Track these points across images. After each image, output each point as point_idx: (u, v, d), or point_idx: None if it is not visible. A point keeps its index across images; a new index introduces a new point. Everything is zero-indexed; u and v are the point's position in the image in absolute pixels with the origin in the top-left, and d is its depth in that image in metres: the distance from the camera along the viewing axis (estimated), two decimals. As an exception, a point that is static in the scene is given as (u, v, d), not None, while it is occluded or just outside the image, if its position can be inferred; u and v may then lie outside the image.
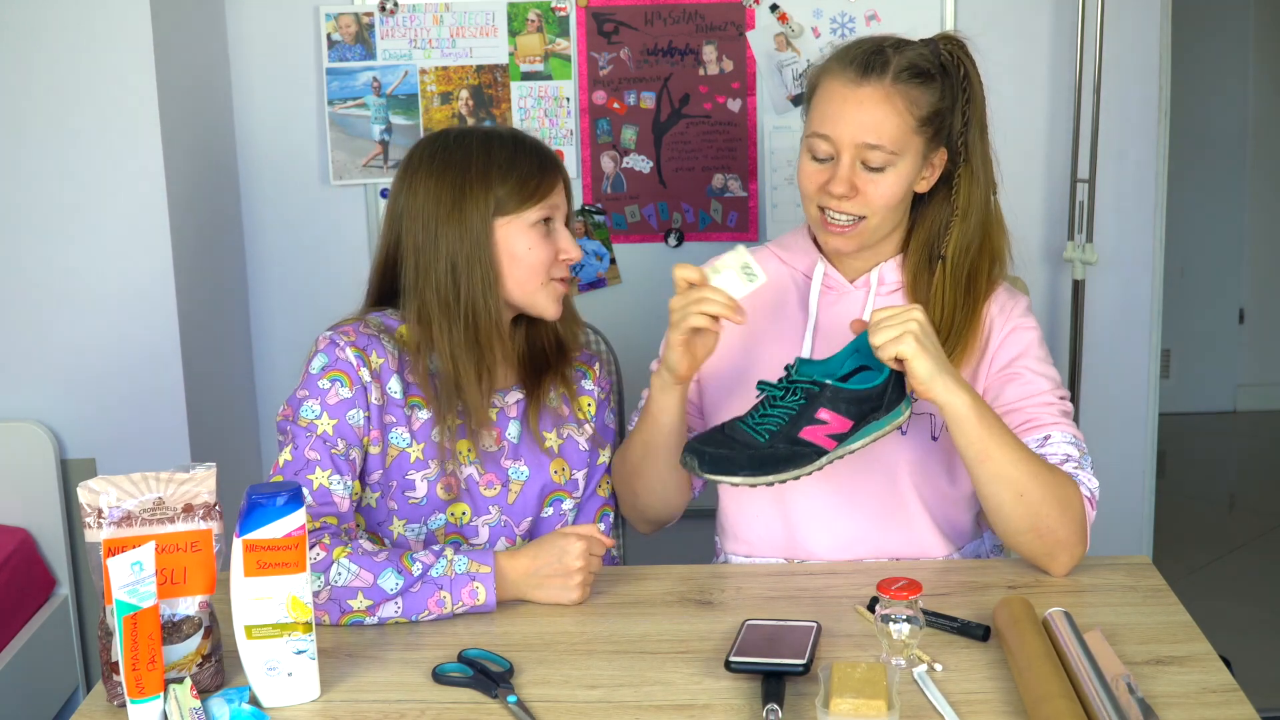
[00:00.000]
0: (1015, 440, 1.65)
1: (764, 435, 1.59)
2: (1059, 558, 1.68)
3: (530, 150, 1.79)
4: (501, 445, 1.82)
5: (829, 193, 1.73)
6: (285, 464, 1.71)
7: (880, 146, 1.71)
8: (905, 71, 1.72)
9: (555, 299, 1.80)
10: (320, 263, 2.90)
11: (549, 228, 1.79)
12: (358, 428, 1.74)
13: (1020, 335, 1.80)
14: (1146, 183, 2.93)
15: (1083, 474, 1.72)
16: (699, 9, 2.83)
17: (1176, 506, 4.23)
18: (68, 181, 2.52)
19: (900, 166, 1.73)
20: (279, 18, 2.86)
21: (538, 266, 1.77)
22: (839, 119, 1.72)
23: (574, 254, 1.79)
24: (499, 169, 1.75)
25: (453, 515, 1.80)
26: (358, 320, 1.80)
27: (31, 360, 2.58)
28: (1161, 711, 1.35)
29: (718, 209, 2.90)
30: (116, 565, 1.35)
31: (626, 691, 1.45)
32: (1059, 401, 1.78)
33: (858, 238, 1.77)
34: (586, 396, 1.91)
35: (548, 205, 1.77)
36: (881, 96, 1.71)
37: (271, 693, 1.43)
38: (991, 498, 1.66)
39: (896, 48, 1.75)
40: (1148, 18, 2.86)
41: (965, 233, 1.78)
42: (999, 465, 1.63)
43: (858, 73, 1.72)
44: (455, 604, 1.64)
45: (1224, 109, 4.99)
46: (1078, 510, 1.68)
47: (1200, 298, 5.09)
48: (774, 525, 1.85)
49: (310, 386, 1.73)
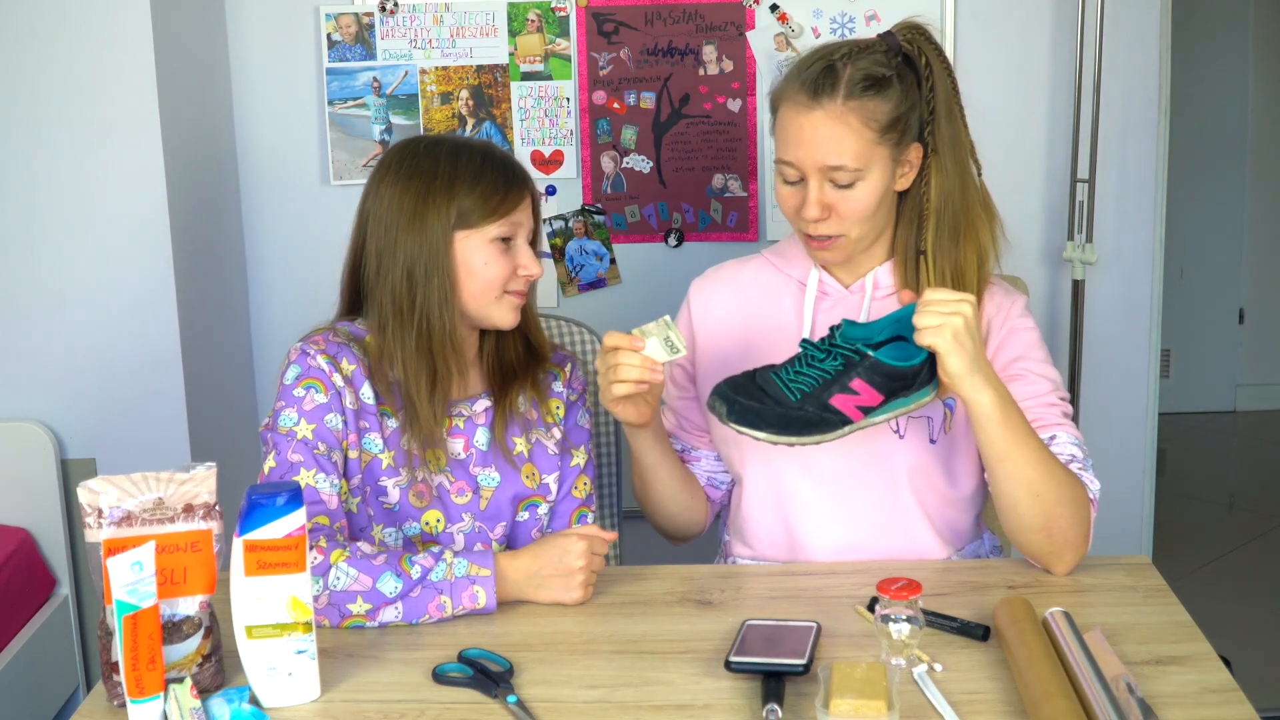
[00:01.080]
0: (1036, 440, 1.65)
1: (796, 394, 1.58)
2: (1065, 557, 1.69)
3: (498, 165, 1.77)
4: (470, 453, 1.82)
5: (804, 218, 1.74)
6: (270, 470, 1.72)
7: (843, 166, 1.70)
8: (858, 85, 1.70)
9: (511, 309, 1.78)
10: (320, 263, 2.88)
11: (510, 245, 1.77)
12: (337, 431, 1.74)
13: (1020, 336, 1.80)
14: (1146, 183, 2.93)
15: (1085, 475, 1.72)
16: (699, 9, 2.83)
17: (1176, 506, 4.23)
18: (68, 182, 2.52)
19: (869, 178, 1.72)
20: (279, 18, 2.86)
21: (494, 282, 1.75)
22: (798, 145, 1.72)
23: (534, 270, 1.77)
24: (464, 182, 1.74)
25: (426, 523, 1.80)
26: (327, 330, 1.81)
27: (31, 360, 2.57)
28: (1161, 711, 1.35)
29: (718, 209, 2.90)
30: (116, 565, 1.35)
31: (626, 691, 1.45)
32: (1060, 403, 1.78)
33: (842, 250, 1.77)
34: (555, 399, 1.89)
35: (509, 223, 1.75)
36: (835, 117, 1.69)
37: (271, 693, 1.43)
38: (1008, 496, 1.66)
39: (848, 57, 1.72)
40: (1148, 18, 2.86)
41: (941, 225, 1.76)
42: (1018, 465, 1.63)
43: (809, 96, 1.70)
44: (455, 608, 1.64)
45: (1224, 109, 4.99)
46: (1086, 511, 1.69)
47: (1200, 298, 5.09)
48: (774, 527, 1.85)
49: (286, 397, 1.75)
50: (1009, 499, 1.66)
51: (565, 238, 2.92)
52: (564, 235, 2.92)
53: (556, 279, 2.94)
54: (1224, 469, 4.88)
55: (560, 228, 2.92)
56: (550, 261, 2.92)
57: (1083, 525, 1.68)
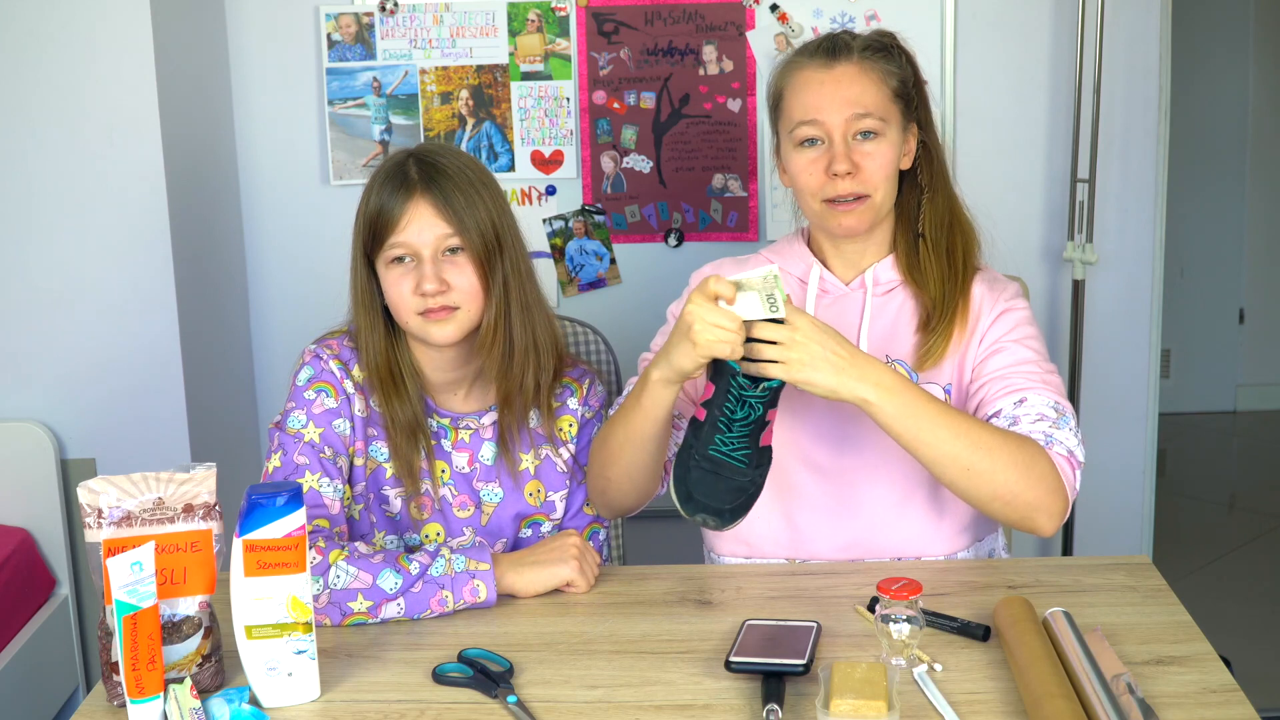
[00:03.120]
0: (950, 417, 1.62)
1: (742, 461, 1.59)
2: (1037, 520, 1.65)
3: (386, 183, 1.72)
4: (475, 467, 1.82)
5: (833, 173, 1.74)
6: (274, 470, 1.73)
7: (870, 113, 1.74)
8: (868, 49, 1.77)
9: (431, 328, 1.72)
10: (320, 263, 2.90)
11: (412, 264, 1.71)
12: (344, 436, 1.75)
13: (1010, 315, 1.80)
14: (1146, 183, 2.93)
15: (1059, 433, 1.68)
16: (699, 9, 2.83)
17: (1176, 506, 4.23)
18: (68, 181, 2.52)
19: (889, 135, 1.76)
20: (279, 18, 2.86)
21: (400, 306, 1.72)
22: (822, 101, 1.75)
23: (425, 287, 1.69)
24: (367, 206, 1.74)
25: (426, 536, 1.80)
26: (342, 334, 1.82)
27: (31, 360, 2.58)
28: (1161, 711, 1.35)
29: (718, 209, 2.90)
30: (116, 565, 1.35)
31: (626, 691, 1.45)
32: (1043, 370, 1.75)
33: (868, 213, 1.77)
34: (568, 416, 1.86)
35: (392, 244, 1.70)
36: (856, 71, 1.75)
37: (271, 693, 1.43)
38: (942, 477, 1.64)
39: (851, 35, 1.80)
40: (1148, 18, 2.86)
41: (938, 206, 1.81)
42: (934, 447, 1.61)
43: (826, 57, 1.77)
44: (457, 602, 1.64)
45: (1224, 109, 4.99)
46: (1043, 470, 1.64)
47: (1200, 298, 5.09)
48: (777, 525, 1.85)
49: (297, 398, 1.76)
50: (946, 479, 1.64)
51: (565, 238, 2.92)
52: (564, 235, 2.92)
53: (556, 279, 2.94)
54: (1224, 469, 4.88)
55: (560, 228, 2.92)
56: (550, 261, 2.93)
57: (1042, 485, 1.63)
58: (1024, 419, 1.69)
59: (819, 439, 1.81)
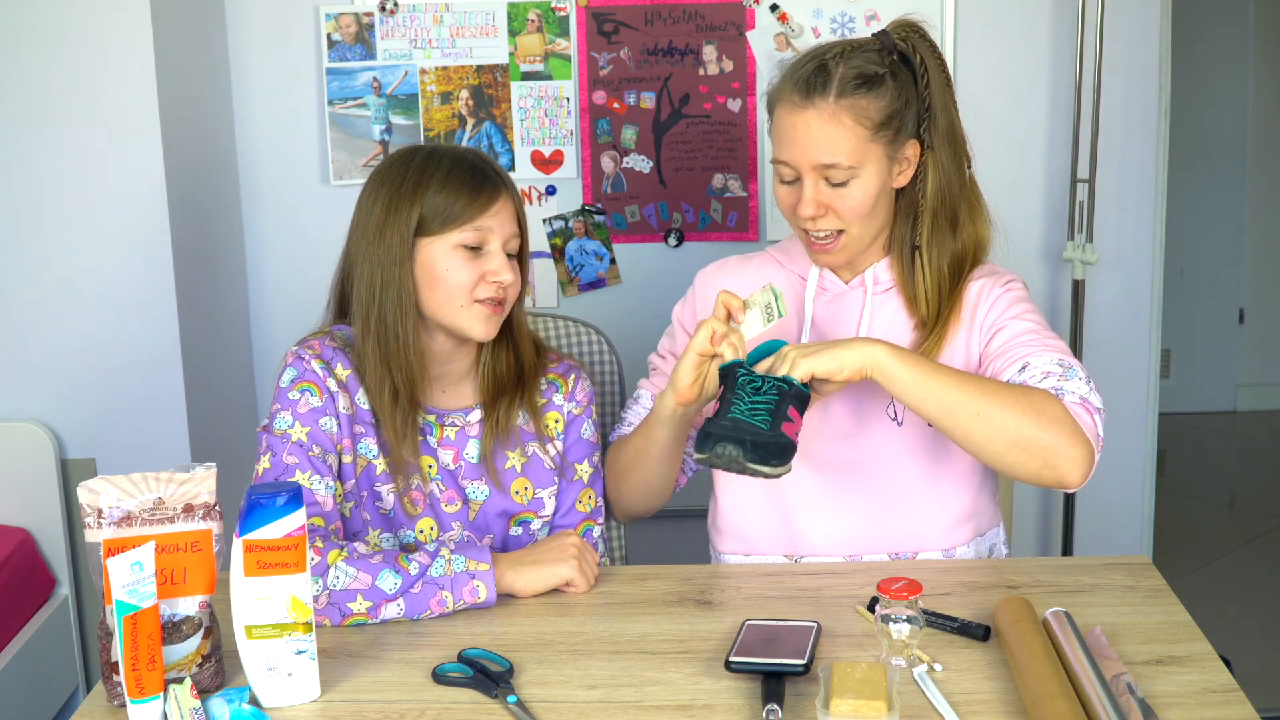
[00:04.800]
0: (954, 370, 1.65)
1: (763, 424, 1.57)
2: (1061, 467, 1.62)
3: (466, 171, 1.75)
4: (460, 464, 1.82)
5: (800, 215, 1.75)
6: (265, 471, 1.73)
7: (836, 164, 1.71)
8: (850, 83, 1.71)
9: (482, 319, 1.75)
10: (320, 263, 2.86)
11: (479, 253, 1.74)
12: (331, 434, 1.75)
13: (1005, 296, 1.80)
14: (1146, 183, 2.93)
15: (1068, 384, 1.67)
16: (699, 9, 2.83)
17: (1176, 506, 4.23)
18: (68, 181, 2.52)
19: (864, 176, 1.72)
20: (279, 18, 2.86)
21: (456, 290, 1.73)
22: (792, 144, 1.73)
23: (504, 277, 1.74)
24: (428, 188, 1.73)
25: (420, 531, 1.80)
26: (324, 334, 1.82)
27: (31, 360, 2.58)
28: (1161, 711, 1.35)
29: (718, 209, 2.90)
30: (116, 565, 1.35)
31: (626, 691, 1.45)
32: (1043, 337, 1.74)
33: (844, 251, 1.78)
34: (554, 413, 1.87)
35: (474, 228, 1.73)
36: (828, 116, 1.70)
37: (271, 693, 1.43)
38: (955, 429, 1.63)
39: (841, 56, 1.73)
40: (1148, 18, 2.86)
41: (938, 220, 1.78)
42: (940, 397, 1.61)
43: (801, 96, 1.71)
44: (457, 602, 1.64)
45: (1224, 109, 4.99)
46: (1057, 412, 1.63)
47: (1200, 298, 5.09)
48: (773, 521, 1.85)
49: (282, 400, 1.76)
50: (959, 431, 1.63)
51: (565, 238, 2.92)
52: (564, 235, 2.92)
53: (556, 279, 2.94)
54: (1224, 469, 4.88)
55: (560, 228, 2.92)
56: (550, 261, 2.93)
57: (1059, 427, 1.62)
58: (1030, 380, 1.68)
59: (815, 434, 1.81)
